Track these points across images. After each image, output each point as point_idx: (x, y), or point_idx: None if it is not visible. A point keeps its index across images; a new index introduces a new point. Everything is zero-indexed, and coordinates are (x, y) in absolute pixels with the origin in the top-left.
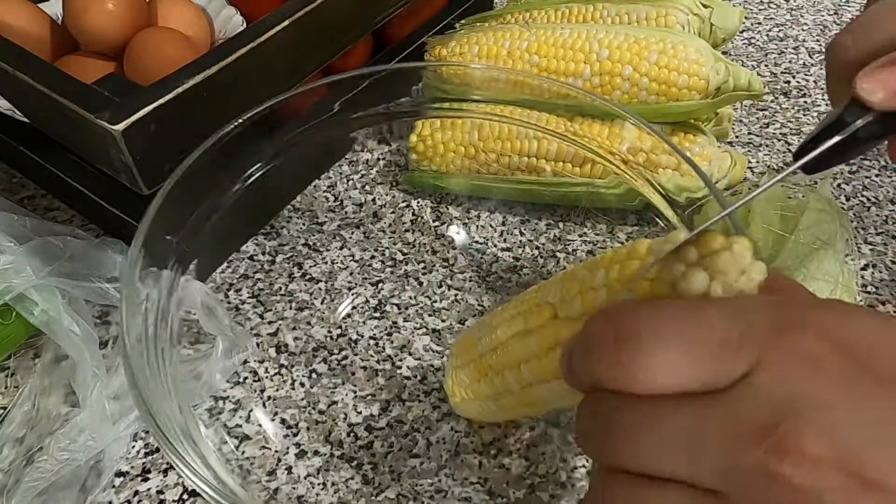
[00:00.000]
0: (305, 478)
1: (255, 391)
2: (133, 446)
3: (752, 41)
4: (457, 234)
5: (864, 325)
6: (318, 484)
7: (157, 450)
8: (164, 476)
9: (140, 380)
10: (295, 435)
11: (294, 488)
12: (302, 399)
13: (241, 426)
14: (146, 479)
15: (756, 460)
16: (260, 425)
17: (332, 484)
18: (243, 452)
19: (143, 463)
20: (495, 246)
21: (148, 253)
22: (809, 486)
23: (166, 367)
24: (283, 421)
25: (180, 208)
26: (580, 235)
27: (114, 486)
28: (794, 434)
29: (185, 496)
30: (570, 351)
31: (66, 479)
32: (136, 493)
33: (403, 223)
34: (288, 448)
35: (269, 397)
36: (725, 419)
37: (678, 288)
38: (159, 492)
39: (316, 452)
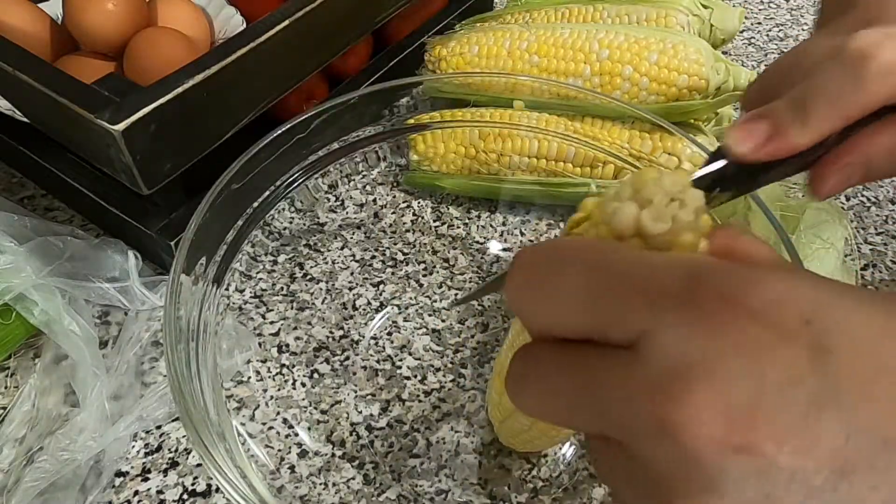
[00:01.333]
0: (307, 477)
1: (258, 391)
2: (133, 446)
3: (752, 41)
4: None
5: (797, 290)
6: (320, 484)
7: (158, 449)
8: (164, 476)
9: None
10: (297, 434)
11: (297, 487)
12: (304, 399)
13: (244, 424)
14: (146, 479)
15: (649, 410)
16: (263, 424)
17: (334, 484)
18: (248, 451)
19: (143, 463)
20: (496, 246)
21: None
22: (696, 438)
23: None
24: (284, 420)
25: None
26: None
27: (114, 486)
28: (688, 389)
29: (185, 496)
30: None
31: (66, 479)
32: (136, 493)
33: (404, 223)
34: (290, 447)
35: (272, 397)
36: (624, 374)
37: (612, 226)
38: (159, 492)
39: (317, 452)
